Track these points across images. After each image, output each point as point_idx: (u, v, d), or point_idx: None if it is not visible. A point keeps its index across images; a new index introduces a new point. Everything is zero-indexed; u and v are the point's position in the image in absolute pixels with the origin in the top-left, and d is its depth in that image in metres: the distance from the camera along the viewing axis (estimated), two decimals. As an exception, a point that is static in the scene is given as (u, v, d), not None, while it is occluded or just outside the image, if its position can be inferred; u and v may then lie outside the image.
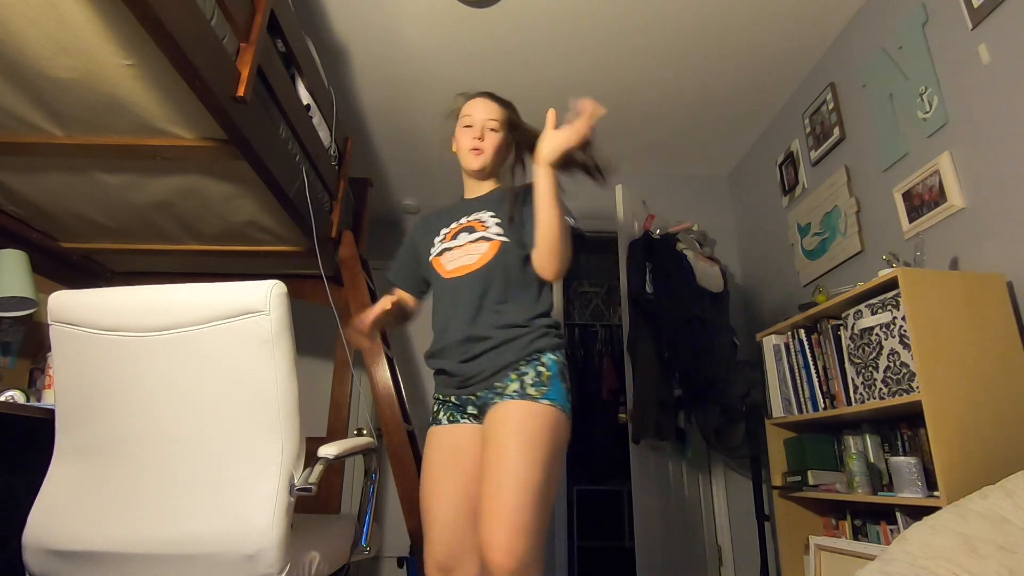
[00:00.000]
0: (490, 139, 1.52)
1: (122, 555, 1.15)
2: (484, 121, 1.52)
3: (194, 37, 1.24)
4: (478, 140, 1.51)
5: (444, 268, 1.47)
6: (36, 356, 2.28)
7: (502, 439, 1.24)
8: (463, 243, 1.46)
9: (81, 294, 1.22)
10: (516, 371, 1.33)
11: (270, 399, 1.18)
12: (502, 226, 1.46)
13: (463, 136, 1.54)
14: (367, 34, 2.53)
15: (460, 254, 1.45)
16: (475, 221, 1.50)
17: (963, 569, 1.03)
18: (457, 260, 1.45)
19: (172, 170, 1.83)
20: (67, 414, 1.25)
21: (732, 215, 3.64)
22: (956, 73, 1.89)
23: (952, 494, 1.43)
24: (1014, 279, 1.68)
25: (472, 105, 1.56)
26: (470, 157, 1.52)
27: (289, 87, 1.83)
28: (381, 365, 2.40)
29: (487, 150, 1.52)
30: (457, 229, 1.50)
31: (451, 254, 1.47)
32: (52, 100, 1.49)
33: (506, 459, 1.21)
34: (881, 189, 2.24)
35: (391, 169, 3.60)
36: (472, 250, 1.44)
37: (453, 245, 1.48)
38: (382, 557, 3.38)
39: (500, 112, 1.55)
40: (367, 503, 1.62)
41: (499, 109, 1.55)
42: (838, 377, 2.00)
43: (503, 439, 1.24)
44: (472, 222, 1.50)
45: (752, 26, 2.49)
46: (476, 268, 1.42)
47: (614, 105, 3.02)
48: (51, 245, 2.33)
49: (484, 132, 1.52)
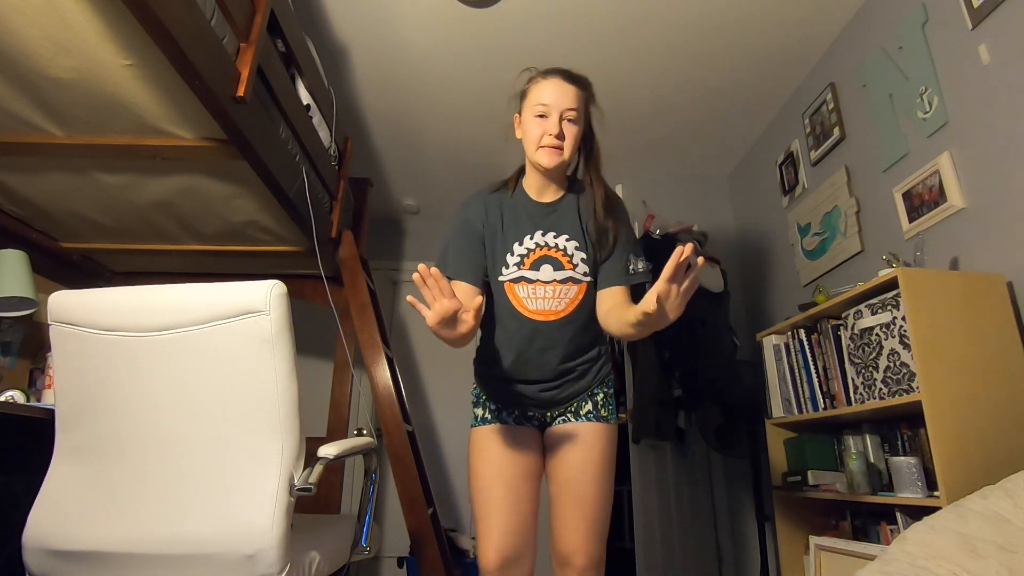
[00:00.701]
0: (570, 134, 1.32)
1: (122, 555, 1.15)
2: (563, 111, 1.31)
3: (194, 37, 1.24)
4: (556, 137, 1.30)
5: (523, 304, 1.37)
6: (36, 356, 2.28)
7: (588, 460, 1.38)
8: (548, 280, 1.36)
9: (81, 294, 1.22)
10: (589, 392, 1.45)
11: (270, 399, 1.18)
12: (587, 261, 1.38)
13: (534, 126, 1.33)
14: (367, 34, 2.53)
15: (545, 294, 1.36)
16: (557, 251, 1.38)
17: (963, 569, 1.03)
18: (541, 301, 1.36)
19: (172, 170, 1.83)
20: (67, 414, 1.25)
21: (732, 215, 3.63)
22: (956, 73, 1.89)
23: (952, 494, 1.43)
24: (1014, 279, 1.68)
25: (547, 89, 1.33)
26: (545, 155, 1.32)
27: (289, 87, 1.83)
28: (381, 365, 2.40)
29: (568, 149, 1.32)
30: (537, 256, 1.37)
31: (531, 289, 1.36)
32: (52, 100, 1.49)
33: (593, 478, 1.37)
34: (881, 189, 2.24)
35: (391, 169, 3.60)
36: (561, 294, 1.36)
37: (535, 278, 1.36)
38: (382, 557, 3.38)
39: (579, 98, 1.34)
40: (367, 503, 1.62)
41: (578, 94, 1.34)
42: (838, 377, 2.00)
43: (589, 460, 1.38)
44: (555, 252, 1.38)
45: (752, 26, 2.49)
46: (564, 315, 1.38)
47: (614, 105, 3.02)
48: (51, 245, 2.33)
49: (563, 125, 1.31)
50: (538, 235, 1.38)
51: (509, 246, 1.39)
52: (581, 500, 1.36)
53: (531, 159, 1.38)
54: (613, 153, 3.62)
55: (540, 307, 1.36)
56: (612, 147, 3.37)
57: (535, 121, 1.33)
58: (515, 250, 1.38)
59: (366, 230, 2.83)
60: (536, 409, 1.45)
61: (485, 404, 1.47)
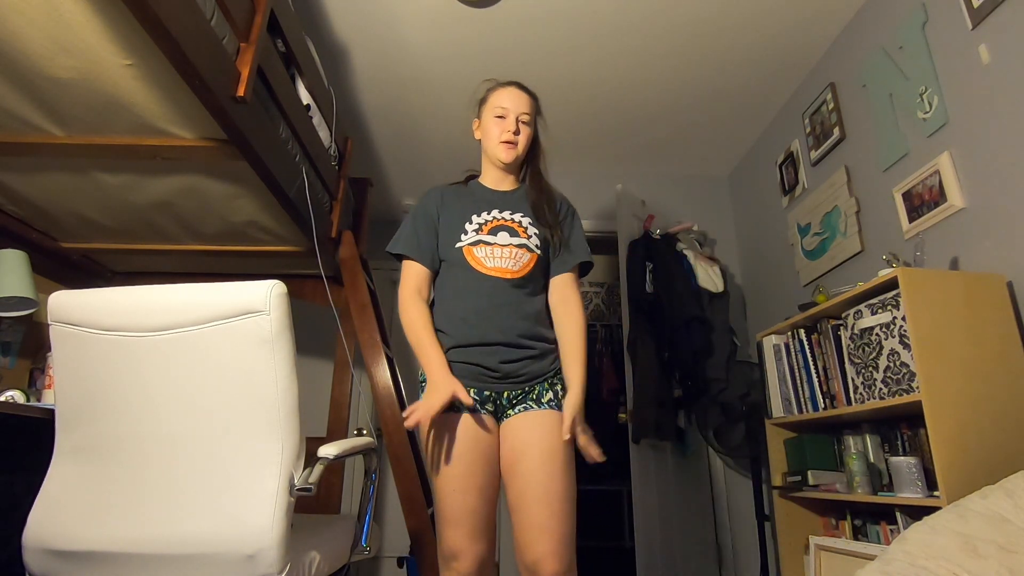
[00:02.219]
0: (524, 133, 1.53)
1: (122, 555, 1.15)
2: (518, 114, 1.53)
3: (194, 37, 1.24)
4: (512, 134, 1.51)
5: (481, 262, 1.45)
6: (36, 356, 2.28)
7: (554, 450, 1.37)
8: (504, 243, 1.47)
9: (81, 294, 1.22)
10: (548, 382, 1.46)
11: (270, 399, 1.18)
12: (540, 236, 1.51)
13: (494, 126, 1.53)
14: (367, 34, 2.53)
15: (502, 255, 1.46)
16: (514, 223, 1.50)
17: (963, 569, 1.03)
18: (498, 260, 1.45)
19: (172, 170, 1.83)
20: (67, 414, 1.25)
21: (732, 215, 3.63)
22: (956, 73, 1.89)
23: (952, 494, 1.43)
24: (1014, 279, 1.68)
25: (505, 95, 1.55)
26: (502, 150, 1.52)
27: (289, 87, 1.83)
28: (381, 365, 2.40)
29: (521, 144, 1.53)
30: (495, 224, 1.49)
31: (489, 250, 1.46)
32: (52, 100, 1.49)
33: (560, 472, 1.35)
34: (881, 189, 2.24)
35: (391, 169, 3.60)
36: (516, 256, 1.46)
37: (492, 241, 1.47)
38: (382, 557, 3.38)
39: (531, 105, 1.56)
40: (367, 503, 1.62)
41: (530, 102, 1.56)
42: (838, 377, 2.00)
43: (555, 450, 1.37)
44: (511, 223, 1.50)
45: (752, 26, 2.49)
46: (518, 275, 1.46)
47: (614, 104, 3.03)
48: (51, 245, 2.33)
49: (518, 125, 1.52)
50: (495, 212, 1.53)
51: (467, 218, 1.51)
52: (548, 497, 1.32)
53: (490, 154, 1.56)
54: (613, 153, 3.64)
55: (497, 265, 1.45)
56: (612, 147, 3.41)
57: (495, 122, 1.53)
58: (473, 220, 1.51)
59: (366, 230, 2.82)
60: (493, 385, 1.42)
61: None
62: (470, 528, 1.32)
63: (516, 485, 1.37)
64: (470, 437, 1.38)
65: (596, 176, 3.53)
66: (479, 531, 1.33)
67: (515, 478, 1.37)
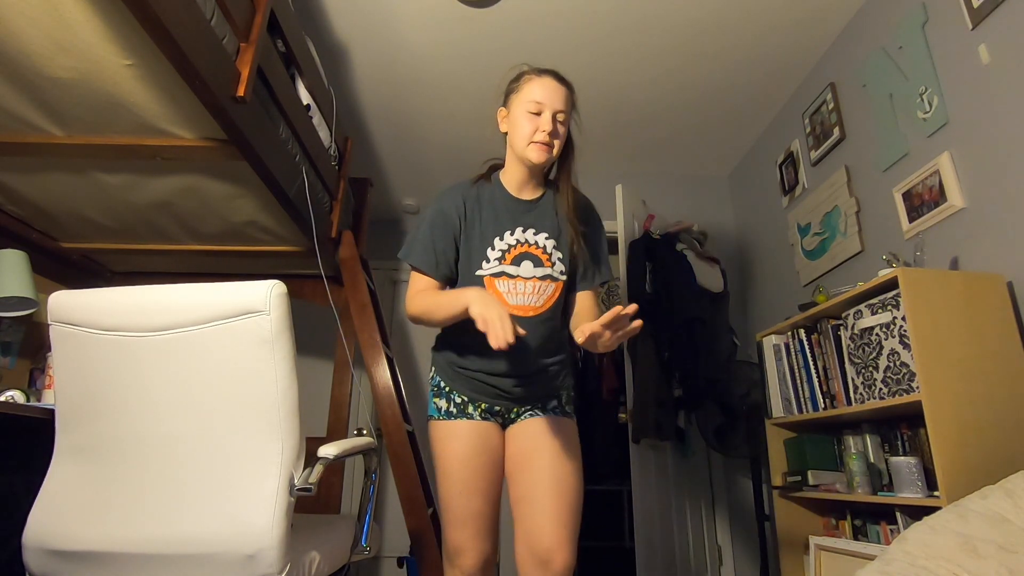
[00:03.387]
0: (560, 134, 1.37)
1: (122, 555, 1.15)
2: (555, 111, 1.34)
3: (194, 37, 1.24)
4: (548, 135, 1.33)
5: (504, 300, 1.38)
6: (36, 356, 2.28)
7: (566, 448, 1.39)
8: (528, 276, 1.39)
9: (81, 294, 1.22)
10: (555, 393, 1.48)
11: (270, 399, 1.18)
12: (563, 260, 1.44)
13: (526, 122, 1.35)
14: (367, 34, 2.53)
15: (525, 289, 1.39)
16: (537, 248, 1.41)
17: (963, 569, 1.03)
18: (520, 296, 1.39)
19: (172, 170, 1.83)
20: (67, 414, 1.25)
21: (732, 215, 3.64)
22: (956, 73, 1.89)
23: (952, 494, 1.43)
24: (1014, 279, 1.68)
25: (540, 87, 1.36)
26: (534, 151, 1.34)
27: (289, 87, 1.83)
28: (381, 365, 2.40)
29: (557, 147, 1.36)
30: (518, 252, 1.40)
31: (512, 284, 1.38)
32: (52, 100, 1.49)
33: (573, 470, 1.38)
34: (881, 189, 2.24)
35: (391, 169, 3.60)
36: (540, 290, 1.40)
37: (515, 273, 1.39)
38: (382, 557, 3.38)
39: (569, 100, 1.38)
40: (367, 503, 1.62)
41: (568, 97, 1.38)
42: (838, 377, 2.00)
43: (567, 449, 1.39)
44: (535, 249, 1.41)
45: (752, 26, 2.49)
46: (542, 311, 1.41)
47: (614, 104, 3.03)
48: (51, 245, 2.33)
49: (555, 125, 1.34)
50: (518, 231, 1.41)
51: (489, 240, 1.40)
52: (561, 488, 1.34)
53: (519, 154, 1.39)
54: (613, 153, 3.64)
55: (520, 303, 1.39)
56: (612, 147, 3.41)
57: (527, 117, 1.35)
58: (496, 245, 1.40)
59: (366, 230, 2.82)
60: (505, 403, 1.44)
61: (449, 396, 1.45)
62: (475, 529, 1.35)
63: (526, 480, 1.37)
64: (477, 442, 1.40)
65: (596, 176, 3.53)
66: (484, 531, 1.36)
67: (525, 473, 1.38)
